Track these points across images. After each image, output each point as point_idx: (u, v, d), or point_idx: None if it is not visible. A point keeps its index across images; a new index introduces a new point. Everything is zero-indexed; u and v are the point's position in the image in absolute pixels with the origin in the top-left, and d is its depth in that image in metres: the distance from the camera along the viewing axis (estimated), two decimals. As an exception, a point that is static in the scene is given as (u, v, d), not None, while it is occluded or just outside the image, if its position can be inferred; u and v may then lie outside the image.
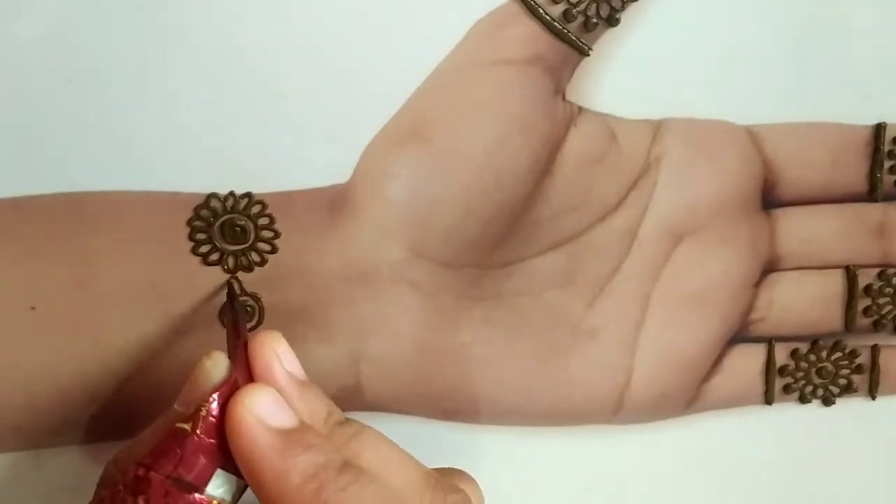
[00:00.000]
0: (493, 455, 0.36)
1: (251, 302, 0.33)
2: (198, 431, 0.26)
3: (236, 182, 0.32)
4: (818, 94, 0.35)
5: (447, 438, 0.35)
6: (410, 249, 0.33)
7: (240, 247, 0.32)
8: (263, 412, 0.26)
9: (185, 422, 0.26)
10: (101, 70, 0.30)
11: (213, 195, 0.32)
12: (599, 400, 0.36)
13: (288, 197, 0.32)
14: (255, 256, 0.33)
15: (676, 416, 0.37)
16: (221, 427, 0.26)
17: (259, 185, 0.32)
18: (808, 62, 0.34)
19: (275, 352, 0.28)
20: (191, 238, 0.32)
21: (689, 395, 0.37)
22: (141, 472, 0.25)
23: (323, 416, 0.28)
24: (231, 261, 0.32)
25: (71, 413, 0.32)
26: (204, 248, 0.32)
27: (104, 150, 0.31)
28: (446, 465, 0.31)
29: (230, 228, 0.32)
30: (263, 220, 0.32)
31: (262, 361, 0.28)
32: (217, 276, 0.32)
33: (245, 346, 0.28)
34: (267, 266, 0.33)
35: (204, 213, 0.32)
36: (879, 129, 0.36)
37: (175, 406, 0.27)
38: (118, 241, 0.31)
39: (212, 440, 0.26)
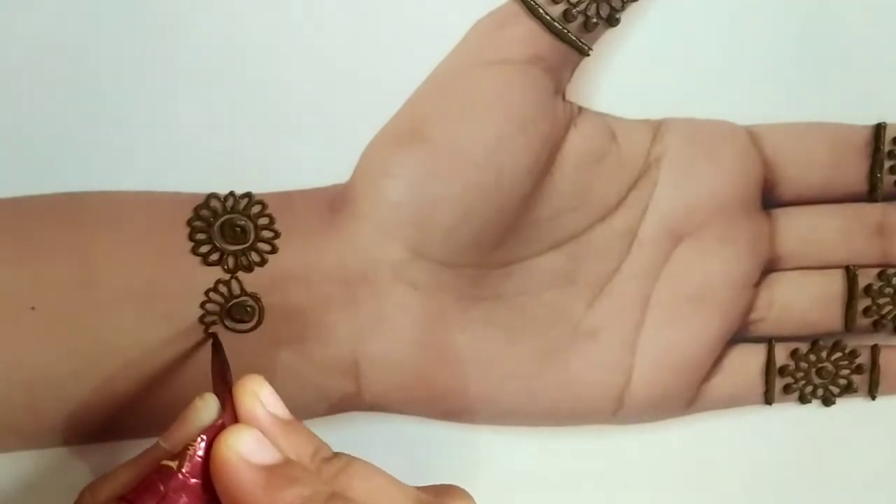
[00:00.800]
0: (493, 455, 0.36)
1: (251, 302, 0.33)
2: (183, 470, 0.26)
3: (236, 182, 0.32)
4: (818, 94, 0.35)
5: (447, 438, 0.35)
6: (410, 249, 0.33)
7: (240, 247, 0.32)
8: (246, 450, 0.26)
9: (172, 460, 0.26)
10: (101, 70, 0.30)
11: (213, 195, 0.32)
12: (599, 400, 0.36)
13: (288, 197, 0.32)
14: (255, 256, 0.33)
15: (676, 416, 0.37)
16: (206, 468, 0.26)
17: (259, 185, 0.32)
18: (808, 62, 0.34)
19: (255, 394, 0.28)
20: (191, 238, 0.32)
21: (690, 395, 0.37)
22: None
23: (309, 452, 0.28)
24: (231, 261, 0.32)
25: (71, 413, 0.32)
26: (204, 248, 0.32)
27: (104, 150, 0.31)
28: (446, 466, 0.31)
29: (230, 228, 0.32)
30: (263, 220, 0.32)
31: (244, 404, 0.28)
32: (217, 276, 0.32)
33: (230, 391, 0.28)
34: (267, 266, 0.33)
35: (204, 213, 0.32)
36: (879, 129, 0.36)
37: (160, 442, 0.27)
38: (118, 241, 0.31)
39: (196, 480, 0.26)
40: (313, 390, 0.34)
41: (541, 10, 0.32)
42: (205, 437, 0.26)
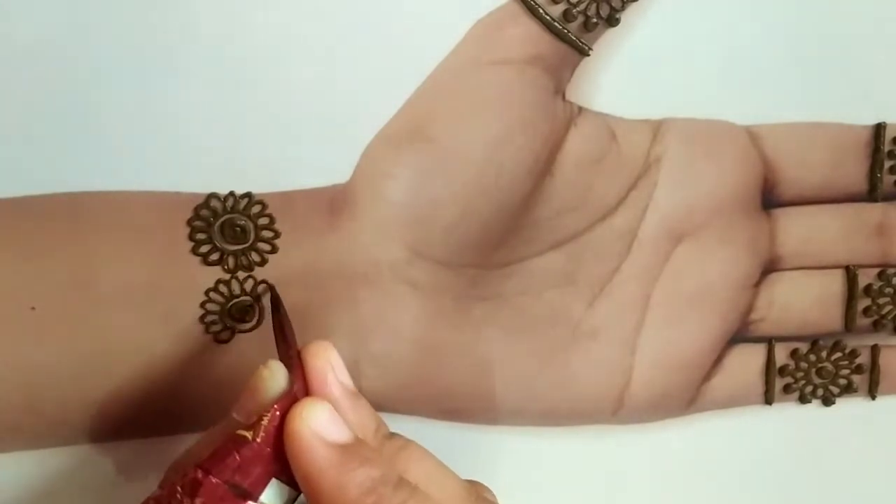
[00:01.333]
0: (493, 455, 0.36)
1: (251, 302, 0.33)
2: (258, 440, 0.26)
3: (236, 182, 0.32)
4: (818, 94, 0.35)
5: (447, 438, 0.35)
6: (410, 249, 0.33)
7: (240, 247, 0.32)
8: (321, 427, 0.26)
9: (246, 430, 0.26)
10: (101, 70, 0.30)
11: (213, 195, 0.32)
12: (600, 400, 0.36)
13: (288, 197, 0.32)
14: (255, 256, 0.33)
15: (676, 415, 0.37)
16: (280, 437, 0.26)
17: (259, 185, 0.32)
18: (808, 62, 0.34)
19: (329, 363, 0.28)
20: (191, 238, 0.32)
21: (690, 394, 0.37)
22: (199, 475, 0.26)
23: (373, 428, 0.29)
24: (231, 261, 0.32)
25: (71, 413, 0.32)
26: (204, 248, 0.32)
27: (104, 150, 0.31)
28: (446, 467, 0.31)
29: (230, 228, 0.32)
30: (263, 220, 0.32)
31: (317, 373, 0.28)
32: (217, 276, 0.32)
33: (298, 355, 0.28)
34: (267, 266, 0.33)
35: (204, 212, 0.32)
36: (879, 129, 0.36)
37: (233, 414, 0.27)
38: (118, 241, 0.31)
39: (269, 449, 0.26)
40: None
41: (541, 10, 0.32)
42: (278, 406, 0.26)
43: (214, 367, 0.33)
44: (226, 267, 0.32)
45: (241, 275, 0.33)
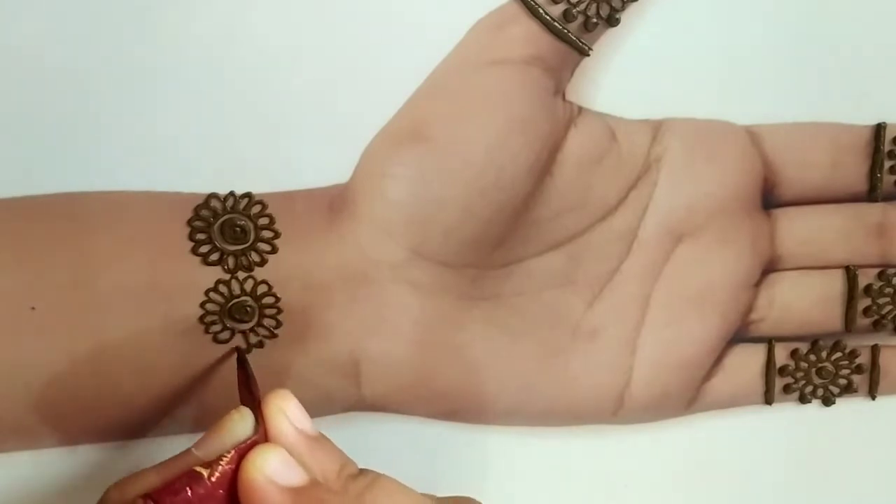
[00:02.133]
0: (493, 455, 0.36)
1: (251, 302, 0.33)
2: (212, 479, 0.26)
3: (236, 182, 0.32)
4: (818, 94, 0.35)
5: (448, 438, 0.35)
6: (410, 249, 0.33)
7: (240, 247, 0.32)
8: (273, 472, 0.26)
9: (204, 468, 0.26)
10: (101, 70, 0.30)
11: (213, 195, 0.32)
12: (599, 400, 0.36)
13: (288, 197, 0.32)
14: (255, 256, 0.33)
15: (677, 415, 0.37)
16: (234, 480, 0.26)
17: (259, 185, 0.32)
18: (808, 62, 0.34)
19: (281, 410, 0.28)
20: (191, 238, 0.32)
21: (690, 395, 0.37)
22: None
23: (335, 469, 0.28)
24: (231, 261, 0.32)
25: (71, 413, 0.32)
26: (204, 248, 0.32)
27: (104, 150, 0.31)
28: (447, 466, 0.31)
29: (230, 228, 0.32)
30: (263, 220, 0.32)
31: (271, 421, 0.28)
32: (217, 276, 0.32)
33: (259, 405, 0.28)
34: (267, 266, 0.33)
35: (204, 213, 0.32)
36: (879, 129, 0.36)
37: (192, 449, 0.27)
38: (118, 241, 0.31)
39: (222, 491, 0.26)
40: (314, 391, 0.34)
41: (541, 10, 0.32)
42: (236, 451, 0.27)
43: (214, 367, 0.33)
44: (226, 267, 0.32)
45: (241, 275, 0.33)
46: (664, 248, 0.35)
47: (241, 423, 0.28)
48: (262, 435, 0.27)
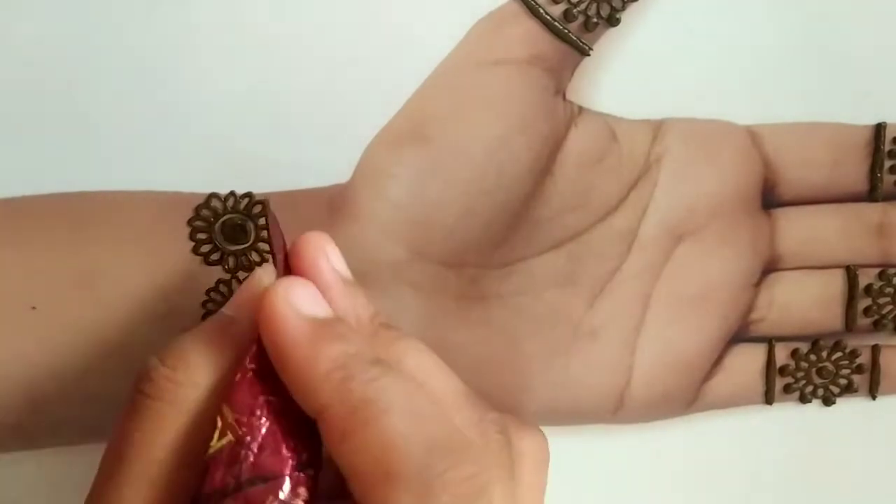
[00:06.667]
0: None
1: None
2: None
3: (237, 182, 0.32)
4: (818, 94, 0.35)
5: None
6: (411, 249, 0.33)
7: (240, 247, 0.32)
8: (298, 300, 0.25)
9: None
10: (101, 70, 0.30)
11: (213, 195, 0.32)
12: (599, 399, 0.36)
13: (289, 197, 0.32)
14: (255, 256, 0.33)
15: (677, 415, 0.37)
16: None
17: (259, 185, 0.32)
18: (808, 62, 0.34)
19: (322, 249, 0.27)
20: (191, 238, 0.32)
21: (690, 394, 0.37)
22: None
23: (369, 314, 0.27)
24: (232, 261, 0.32)
25: (71, 413, 0.32)
26: (205, 248, 0.32)
27: (104, 150, 0.31)
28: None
29: (231, 228, 0.32)
30: (264, 220, 0.32)
31: (308, 257, 0.27)
32: (218, 276, 0.32)
33: (286, 256, 0.27)
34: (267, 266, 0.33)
35: (205, 212, 0.32)
36: (879, 129, 0.36)
37: (223, 310, 0.27)
38: (118, 241, 0.31)
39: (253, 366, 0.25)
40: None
41: (541, 10, 0.32)
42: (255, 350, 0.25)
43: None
44: (226, 267, 0.32)
45: (242, 275, 0.33)
46: (664, 248, 0.35)
47: (265, 274, 0.26)
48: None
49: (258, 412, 0.25)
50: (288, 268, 0.27)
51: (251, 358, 0.25)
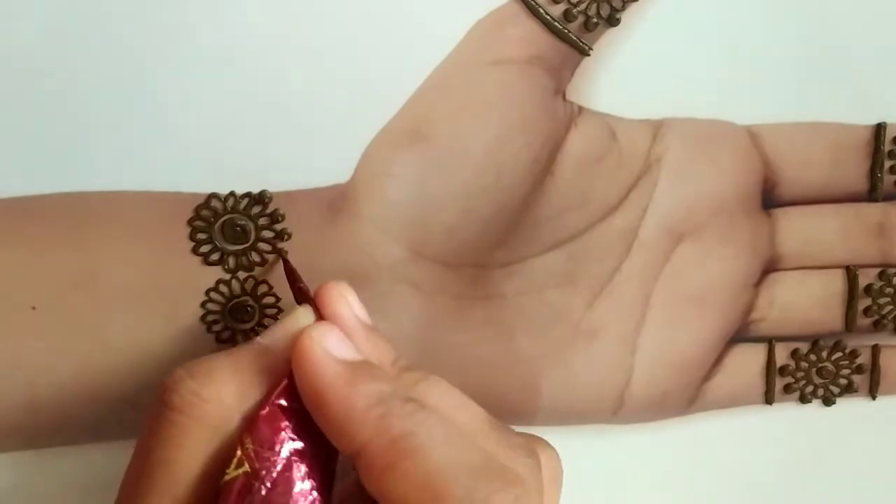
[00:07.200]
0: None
1: (251, 302, 0.33)
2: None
3: (236, 182, 0.32)
4: (818, 94, 0.35)
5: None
6: (411, 249, 0.33)
7: (240, 247, 0.32)
8: (330, 345, 0.26)
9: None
10: (101, 70, 0.30)
11: (213, 195, 0.32)
12: (600, 399, 0.36)
13: (288, 197, 0.32)
14: (255, 256, 0.33)
15: (677, 415, 0.37)
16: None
17: (259, 185, 0.32)
18: (808, 62, 0.34)
19: (344, 297, 0.28)
20: (191, 238, 0.32)
21: (690, 394, 0.37)
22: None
23: (391, 359, 0.28)
24: (232, 260, 0.32)
25: (72, 413, 0.32)
26: (205, 248, 0.32)
27: (104, 150, 0.31)
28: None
29: (231, 228, 0.32)
30: (264, 220, 0.32)
31: (330, 305, 0.28)
32: (218, 276, 0.32)
33: (312, 301, 0.28)
34: (267, 266, 0.33)
35: (205, 212, 0.32)
36: (879, 129, 0.36)
37: (258, 339, 0.27)
38: (118, 241, 0.31)
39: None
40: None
41: (541, 10, 0.32)
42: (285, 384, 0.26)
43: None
44: (226, 267, 0.32)
45: (242, 275, 0.33)
46: (664, 248, 0.35)
47: (305, 316, 0.28)
48: None
49: (277, 448, 0.26)
50: (316, 310, 0.28)
51: (279, 394, 0.26)
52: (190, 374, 0.26)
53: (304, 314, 0.28)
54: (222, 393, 0.26)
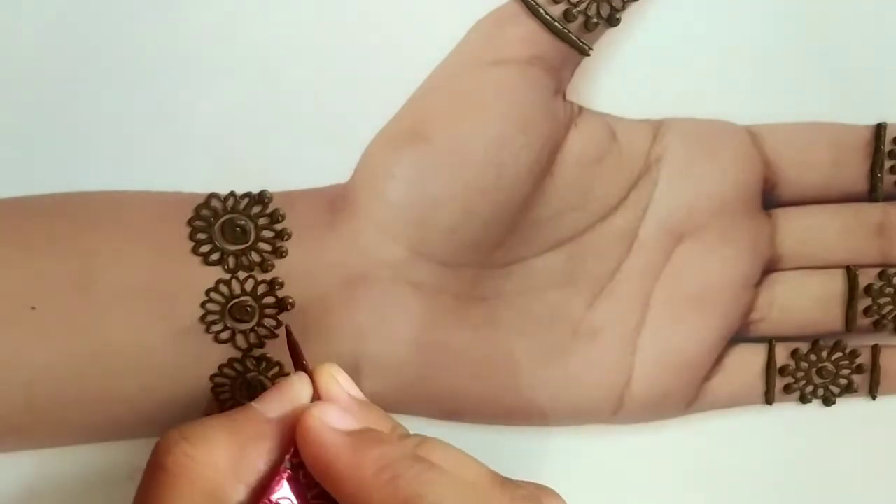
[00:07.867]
0: (493, 455, 0.36)
1: (251, 302, 0.33)
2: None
3: (236, 182, 0.32)
4: (818, 94, 0.35)
5: (448, 438, 0.35)
6: (411, 249, 0.33)
7: (240, 247, 0.32)
8: (331, 419, 0.27)
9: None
10: (101, 70, 0.30)
11: (213, 195, 0.32)
12: (600, 399, 0.36)
13: (288, 197, 0.32)
14: (255, 256, 0.33)
15: (677, 415, 0.37)
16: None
17: (259, 185, 0.32)
18: (808, 62, 0.34)
19: (333, 376, 0.29)
20: (191, 238, 0.32)
21: (690, 394, 0.37)
22: None
23: (387, 428, 0.29)
24: (232, 260, 0.32)
25: (71, 413, 0.32)
26: (205, 248, 0.32)
27: (104, 150, 0.31)
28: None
29: (231, 228, 0.32)
30: (264, 221, 0.32)
31: (323, 384, 0.29)
32: (217, 276, 0.32)
33: (311, 374, 0.30)
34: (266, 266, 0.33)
35: (205, 212, 0.32)
36: (879, 129, 0.36)
37: (254, 404, 0.28)
38: (118, 241, 0.32)
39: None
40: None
41: (541, 10, 0.32)
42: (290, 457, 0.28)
43: (214, 367, 0.33)
44: (226, 267, 0.32)
45: (242, 275, 0.33)
46: (664, 248, 0.35)
47: (300, 385, 0.29)
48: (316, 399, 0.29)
49: None
50: (313, 382, 0.29)
51: (287, 466, 0.27)
52: (184, 436, 0.27)
53: (299, 382, 0.29)
54: (216, 456, 0.27)
